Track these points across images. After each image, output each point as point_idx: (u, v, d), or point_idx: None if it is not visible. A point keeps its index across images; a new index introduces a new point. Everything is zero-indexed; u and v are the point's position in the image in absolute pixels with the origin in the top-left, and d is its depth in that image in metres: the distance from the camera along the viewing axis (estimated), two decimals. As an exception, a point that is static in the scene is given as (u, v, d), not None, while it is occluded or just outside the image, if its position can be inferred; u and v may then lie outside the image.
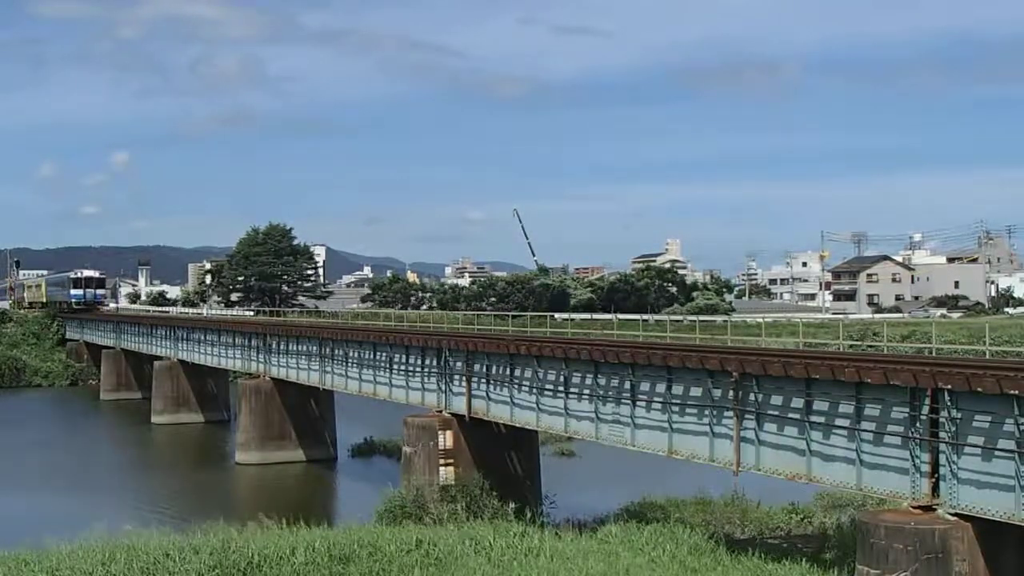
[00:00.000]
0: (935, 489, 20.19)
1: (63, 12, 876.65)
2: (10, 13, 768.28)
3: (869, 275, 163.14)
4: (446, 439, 34.75)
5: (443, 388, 36.58)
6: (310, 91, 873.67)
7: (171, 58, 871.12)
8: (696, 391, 26.02)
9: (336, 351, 45.99)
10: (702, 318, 66.85)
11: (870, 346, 44.61)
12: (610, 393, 28.90)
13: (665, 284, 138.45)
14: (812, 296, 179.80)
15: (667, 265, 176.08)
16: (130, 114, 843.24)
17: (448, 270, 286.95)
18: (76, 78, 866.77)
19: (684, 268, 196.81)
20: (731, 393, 24.49)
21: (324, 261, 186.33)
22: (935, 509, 20.01)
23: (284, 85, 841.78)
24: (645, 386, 27.69)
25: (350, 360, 44.57)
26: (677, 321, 75.50)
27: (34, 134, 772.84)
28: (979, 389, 18.95)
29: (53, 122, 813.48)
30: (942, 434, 19.91)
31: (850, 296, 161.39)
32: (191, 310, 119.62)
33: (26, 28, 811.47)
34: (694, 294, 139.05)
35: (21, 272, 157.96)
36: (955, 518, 19.57)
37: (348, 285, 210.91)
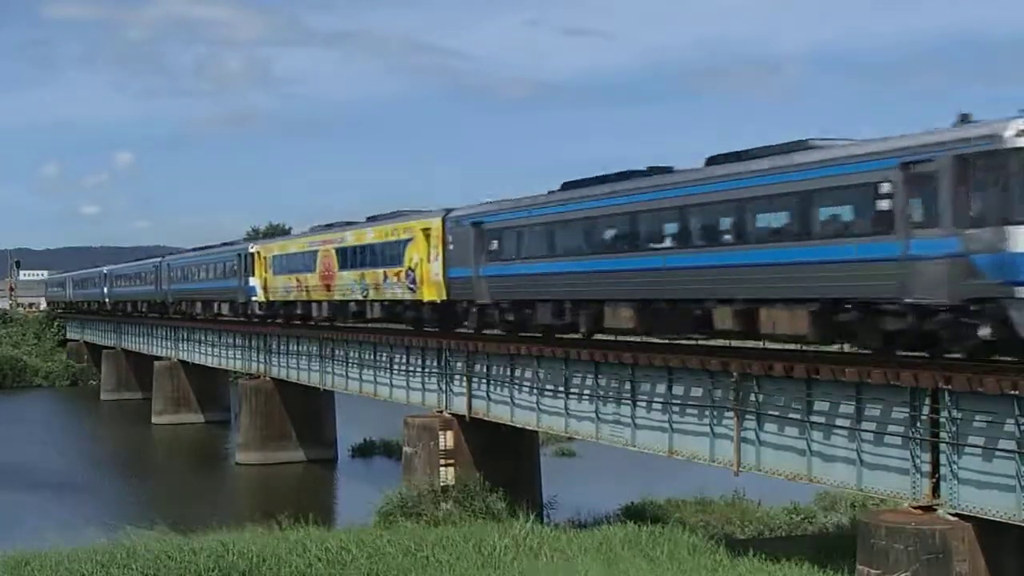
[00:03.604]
0: (935, 489, 20.17)
1: (70, 14, 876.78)
2: (18, 15, 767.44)
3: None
4: (446, 439, 34.73)
5: (443, 388, 36.57)
6: (314, 92, 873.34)
7: (177, 59, 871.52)
8: (697, 391, 26.00)
9: (336, 351, 45.98)
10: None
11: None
12: (610, 393, 28.88)
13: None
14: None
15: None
16: (134, 115, 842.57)
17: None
18: (81, 79, 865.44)
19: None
20: (731, 393, 24.47)
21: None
22: (935, 509, 20.00)
23: (289, 87, 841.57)
24: (645, 386, 27.67)
25: (350, 360, 44.55)
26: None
27: (38, 134, 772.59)
28: (980, 389, 18.94)
29: (57, 123, 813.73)
30: (943, 434, 19.89)
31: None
32: None
33: (33, 30, 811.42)
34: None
35: (21, 272, 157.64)
36: (955, 518, 19.55)
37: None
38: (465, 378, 35.29)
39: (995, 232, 18.26)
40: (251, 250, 54.75)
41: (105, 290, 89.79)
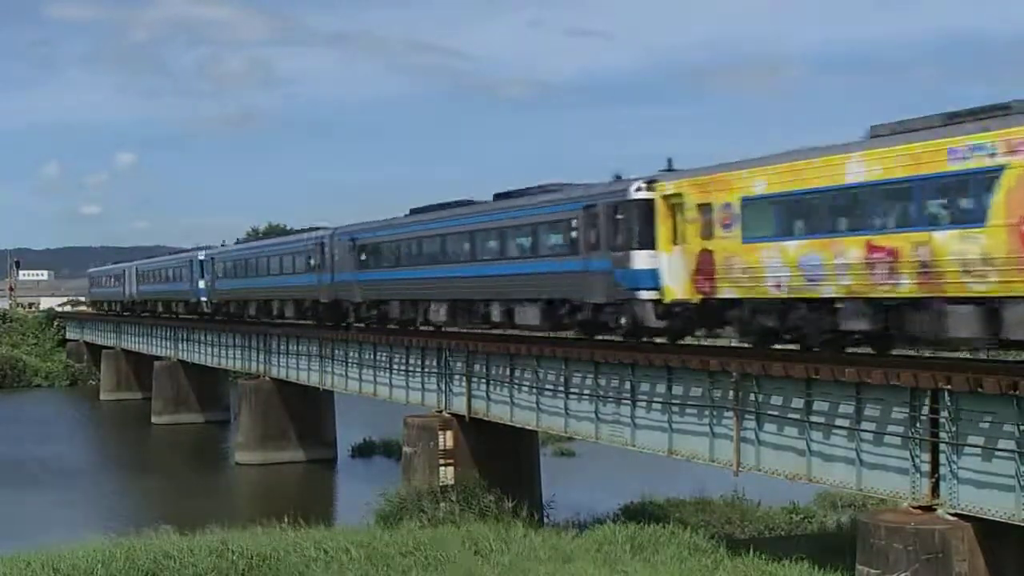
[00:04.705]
0: (935, 489, 20.18)
1: (72, 14, 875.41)
2: (20, 15, 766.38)
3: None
4: (446, 439, 34.75)
5: (443, 388, 36.58)
6: (315, 93, 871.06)
7: (178, 60, 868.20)
8: (696, 391, 26.00)
9: (336, 351, 45.99)
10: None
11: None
12: (610, 393, 28.88)
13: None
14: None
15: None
16: (135, 115, 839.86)
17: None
18: (83, 79, 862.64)
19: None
20: (731, 393, 24.48)
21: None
22: (935, 509, 20.01)
23: (289, 87, 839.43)
24: (645, 386, 27.67)
25: (350, 360, 44.56)
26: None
27: (38, 134, 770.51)
28: (980, 389, 18.94)
29: (58, 123, 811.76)
30: (942, 434, 19.90)
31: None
32: None
33: (35, 30, 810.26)
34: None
35: (21, 272, 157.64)
36: (955, 518, 19.56)
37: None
38: (465, 378, 35.30)
39: None
40: (636, 195, 27.70)
41: (201, 285, 64.34)
